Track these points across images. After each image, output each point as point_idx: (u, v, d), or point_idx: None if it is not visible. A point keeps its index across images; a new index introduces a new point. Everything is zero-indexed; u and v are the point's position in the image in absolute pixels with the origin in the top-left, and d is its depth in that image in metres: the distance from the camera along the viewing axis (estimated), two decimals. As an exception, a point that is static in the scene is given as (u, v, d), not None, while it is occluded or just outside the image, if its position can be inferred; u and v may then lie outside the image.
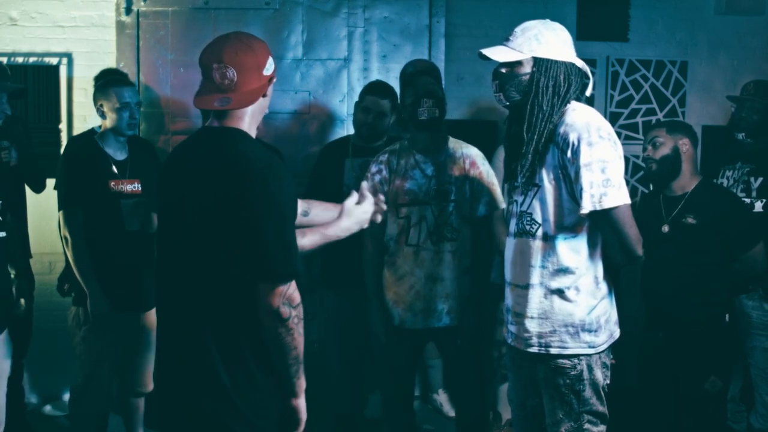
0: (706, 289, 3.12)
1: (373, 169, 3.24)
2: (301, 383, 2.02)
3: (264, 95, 2.05)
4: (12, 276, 3.01)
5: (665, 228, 3.19)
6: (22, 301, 3.09)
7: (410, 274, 3.13)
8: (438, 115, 3.10)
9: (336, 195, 3.63)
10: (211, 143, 2.01)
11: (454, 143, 3.23)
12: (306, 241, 2.24)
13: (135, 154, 3.41)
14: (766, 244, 3.20)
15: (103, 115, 3.31)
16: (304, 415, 2.05)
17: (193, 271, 1.96)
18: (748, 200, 3.47)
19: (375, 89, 3.63)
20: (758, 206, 3.47)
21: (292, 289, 1.91)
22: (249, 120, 2.05)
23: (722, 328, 3.20)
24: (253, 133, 2.07)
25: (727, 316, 3.21)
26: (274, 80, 2.09)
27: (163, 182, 2.12)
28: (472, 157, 3.21)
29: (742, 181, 3.58)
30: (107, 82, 3.37)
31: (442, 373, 4.28)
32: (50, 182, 3.77)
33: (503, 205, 3.25)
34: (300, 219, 2.36)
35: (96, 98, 3.33)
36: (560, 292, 2.34)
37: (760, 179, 3.51)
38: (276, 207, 1.90)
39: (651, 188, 4.42)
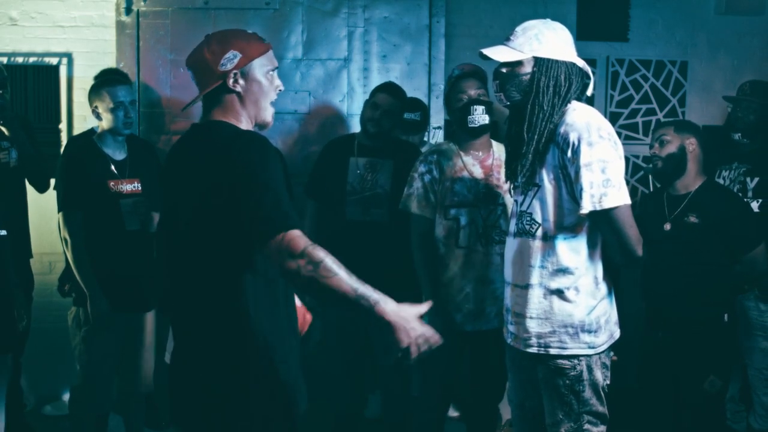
0: (706, 289, 3.12)
1: (422, 168, 3.20)
2: (371, 300, 1.80)
3: (233, 90, 2.00)
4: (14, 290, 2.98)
5: (667, 226, 3.19)
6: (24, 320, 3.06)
7: (460, 276, 3.14)
8: (488, 122, 3.12)
9: (339, 192, 3.64)
10: (196, 139, 2.03)
11: (497, 147, 3.24)
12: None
13: (134, 154, 3.40)
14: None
15: (98, 117, 3.31)
16: (413, 336, 1.81)
17: (192, 266, 1.98)
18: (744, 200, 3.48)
19: (386, 88, 3.66)
20: (754, 206, 3.47)
21: (287, 239, 1.79)
22: (232, 116, 2.03)
23: (722, 328, 3.20)
24: (243, 127, 2.04)
25: (726, 316, 3.21)
26: (245, 73, 2.01)
27: (161, 182, 2.15)
28: None
29: (739, 182, 3.58)
30: (100, 83, 3.36)
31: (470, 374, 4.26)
32: (51, 182, 3.77)
33: None
34: None
35: (91, 100, 3.32)
36: (560, 293, 2.34)
37: (757, 179, 3.51)
38: (255, 176, 1.84)
39: (653, 187, 4.44)
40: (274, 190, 1.84)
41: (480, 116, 3.09)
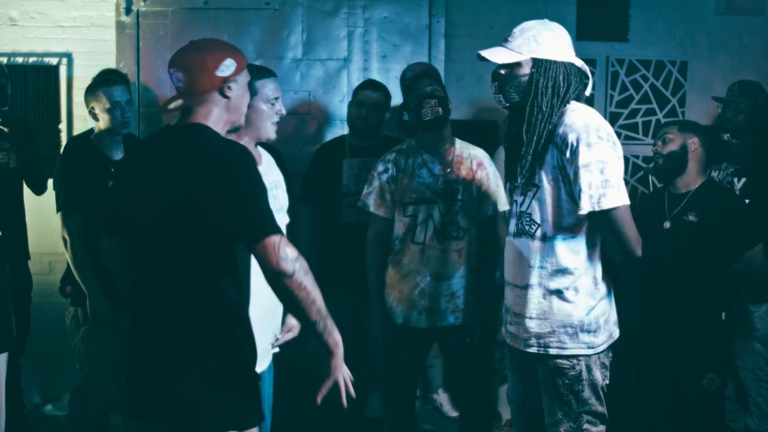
0: (704, 288, 3.12)
1: (380, 168, 3.25)
2: (335, 338, 2.00)
3: (225, 96, 2.10)
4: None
5: (667, 224, 3.20)
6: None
7: (415, 272, 3.15)
8: (442, 114, 3.12)
9: (334, 195, 3.65)
10: (178, 141, 2.08)
11: (460, 144, 3.26)
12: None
13: (131, 153, 3.41)
14: (766, 245, 3.20)
15: (95, 117, 3.31)
16: (341, 376, 2.04)
17: (162, 266, 2.05)
18: None
19: (367, 84, 3.72)
20: None
21: (284, 243, 1.90)
22: (215, 120, 2.11)
23: (720, 326, 3.20)
24: (220, 133, 2.13)
25: (723, 314, 3.22)
26: (236, 81, 2.12)
27: (125, 179, 2.19)
28: (479, 158, 3.24)
29: (727, 182, 3.60)
30: (95, 83, 3.36)
31: (443, 373, 4.27)
32: (50, 182, 3.76)
33: (507, 206, 3.27)
34: None
35: (87, 101, 3.32)
36: (559, 293, 2.34)
37: (744, 179, 3.53)
38: (250, 184, 1.97)
39: (652, 187, 4.44)
40: (260, 198, 1.97)
41: (432, 109, 3.10)
